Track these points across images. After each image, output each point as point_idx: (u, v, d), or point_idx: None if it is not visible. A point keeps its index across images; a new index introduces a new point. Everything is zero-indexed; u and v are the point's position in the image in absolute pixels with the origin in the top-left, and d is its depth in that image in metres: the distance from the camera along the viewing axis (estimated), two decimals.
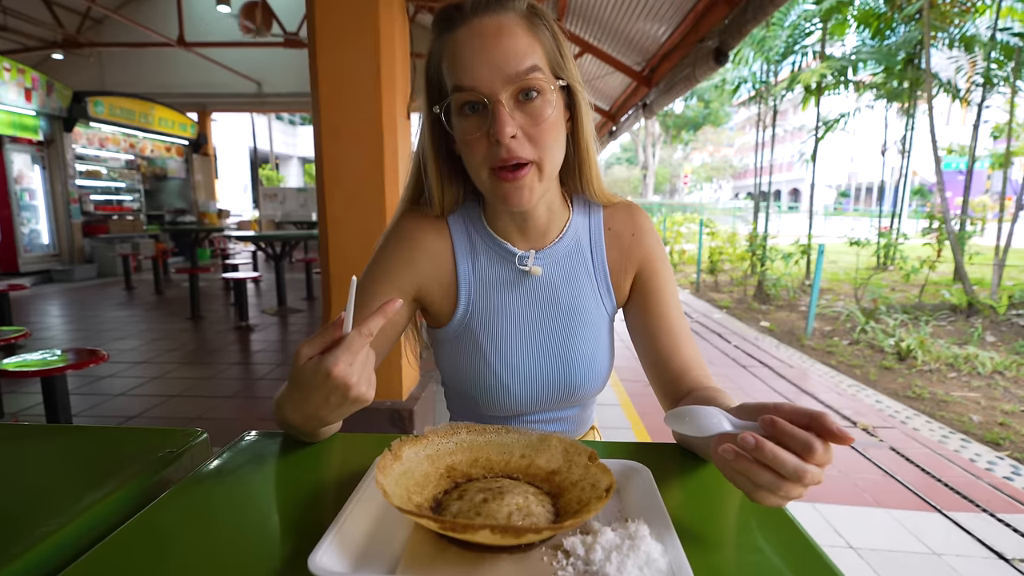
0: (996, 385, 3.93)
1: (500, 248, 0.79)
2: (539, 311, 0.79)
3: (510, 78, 0.64)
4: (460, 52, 0.65)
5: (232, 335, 5.11)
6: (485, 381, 0.78)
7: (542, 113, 0.66)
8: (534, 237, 0.80)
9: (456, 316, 0.79)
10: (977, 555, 1.96)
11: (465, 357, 0.79)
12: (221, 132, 15.53)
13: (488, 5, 0.66)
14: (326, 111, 2.26)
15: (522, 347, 0.78)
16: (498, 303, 0.79)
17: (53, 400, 2.25)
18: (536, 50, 0.66)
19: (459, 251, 0.79)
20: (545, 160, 0.68)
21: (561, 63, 0.69)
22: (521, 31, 0.66)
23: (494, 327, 0.78)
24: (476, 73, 0.64)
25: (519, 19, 0.66)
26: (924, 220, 6.77)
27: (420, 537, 0.49)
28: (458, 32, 0.66)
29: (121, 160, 10.29)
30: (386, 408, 2.48)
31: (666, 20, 5.27)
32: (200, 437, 0.72)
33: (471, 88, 0.65)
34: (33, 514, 0.54)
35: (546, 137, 0.67)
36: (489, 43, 0.64)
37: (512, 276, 0.79)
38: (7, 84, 7.40)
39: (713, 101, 28.98)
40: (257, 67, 10.54)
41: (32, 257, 8.25)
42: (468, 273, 0.79)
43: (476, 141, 0.67)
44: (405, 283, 0.78)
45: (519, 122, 0.65)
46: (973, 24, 7.12)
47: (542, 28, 0.68)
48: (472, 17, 0.66)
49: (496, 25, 0.65)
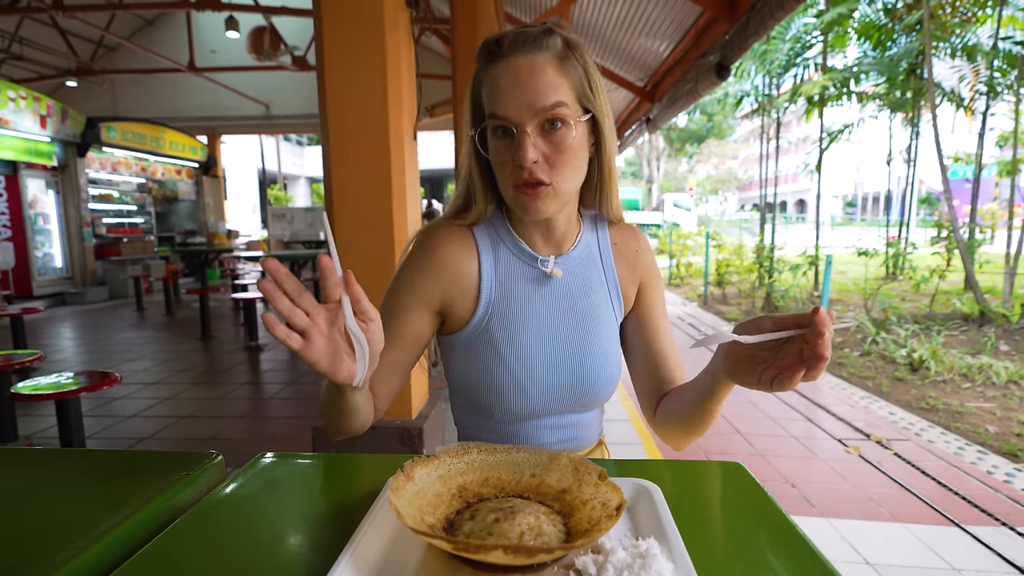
0: (1012, 395, 3.87)
1: (522, 252, 0.84)
2: (556, 313, 0.83)
3: (536, 111, 0.72)
4: (496, 84, 0.74)
5: (242, 355, 5.14)
6: (501, 383, 0.80)
7: (563, 142, 0.74)
8: (554, 242, 0.86)
9: (475, 317, 0.82)
10: (997, 570, 1.92)
11: (480, 360, 0.81)
12: (230, 154, 15.76)
13: (525, 45, 0.73)
14: (334, 133, 2.30)
15: (539, 348, 0.81)
16: (518, 303, 0.82)
17: (67, 423, 2.27)
18: (563, 86, 0.74)
19: (483, 252, 0.84)
20: (561, 183, 0.75)
21: (590, 96, 0.76)
22: (552, 69, 0.73)
23: (512, 327, 0.81)
24: (508, 104, 0.72)
25: (551, 58, 0.74)
26: (932, 229, 6.72)
27: (433, 558, 0.50)
28: (498, 66, 0.74)
29: (133, 183, 10.45)
30: (396, 427, 2.48)
31: (667, 36, 5.34)
32: (215, 460, 0.73)
33: (503, 117, 0.73)
34: (53, 540, 0.55)
35: (563, 163, 0.74)
36: (522, 79, 0.72)
37: (533, 277, 0.84)
38: (23, 112, 7.57)
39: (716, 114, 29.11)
40: (265, 90, 10.75)
41: (46, 280, 8.36)
42: (490, 272, 0.83)
43: (505, 162, 0.75)
44: (431, 292, 0.81)
45: (541, 148, 0.73)
46: (974, 34, 7.14)
47: (573, 65, 0.75)
48: (510, 55, 0.73)
49: (530, 64, 0.73)
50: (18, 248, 7.96)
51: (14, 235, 7.94)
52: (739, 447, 2.98)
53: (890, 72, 7.87)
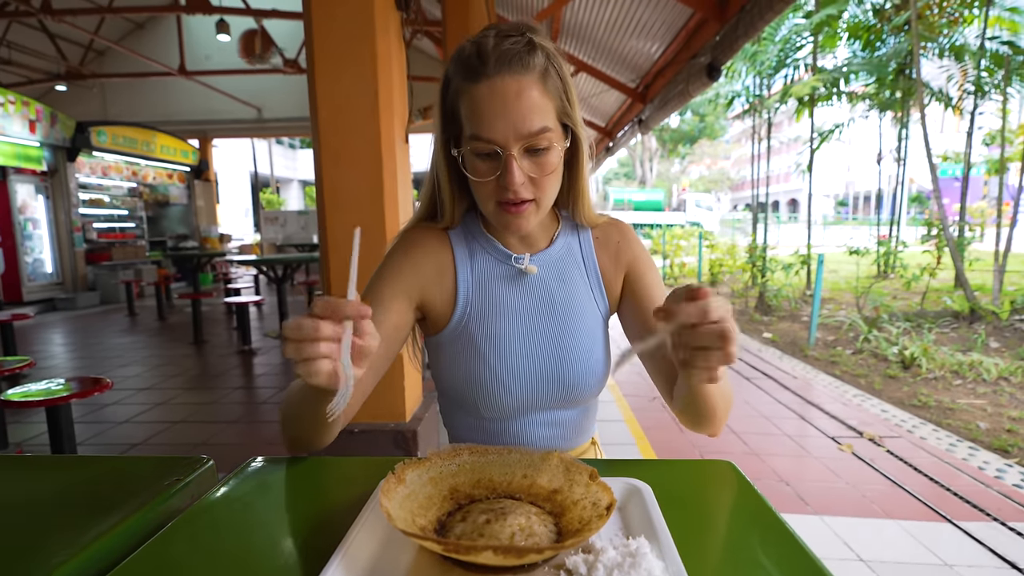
0: (1002, 391, 3.91)
1: (497, 251, 0.85)
2: (535, 309, 0.83)
3: (523, 136, 0.71)
4: (480, 106, 0.72)
5: (235, 359, 5.11)
6: (483, 380, 0.80)
7: (547, 164, 0.74)
8: (528, 242, 0.86)
9: (454, 318, 0.83)
10: (989, 565, 1.94)
11: (463, 358, 0.82)
12: (222, 157, 15.67)
13: (511, 65, 0.71)
14: (325, 136, 2.30)
15: (519, 344, 0.81)
16: (495, 301, 0.83)
17: (58, 429, 2.25)
18: (548, 109, 0.73)
19: (459, 257, 0.85)
20: (543, 199, 0.77)
21: (568, 110, 0.76)
22: (537, 92, 0.72)
23: (491, 326, 0.82)
24: (494, 128, 0.71)
25: (535, 80, 0.72)
26: (923, 227, 6.79)
27: (425, 559, 0.50)
28: (480, 86, 0.72)
29: (123, 188, 10.39)
30: (390, 429, 2.47)
31: (659, 38, 5.36)
32: (206, 464, 0.73)
33: (488, 140, 0.72)
34: (42, 546, 0.55)
35: (547, 183, 0.76)
36: (509, 103, 0.71)
37: (508, 275, 0.85)
38: (12, 117, 7.51)
39: (708, 115, 29.27)
40: (257, 93, 10.71)
41: (36, 286, 8.29)
42: (467, 274, 0.84)
43: (486, 183, 0.75)
44: (410, 286, 0.82)
45: (526, 169, 0.73)
46: (962, 34, 7.22)
47: (554, 81, 0.74)
48: (495, 75, 0.71)
49: (516, 87, 0.71)
50: (8, 254, 7.89)
51: (3, 241, 7.87)
52: (733, 445, 2.99)
53: (879, 72, 7.94)
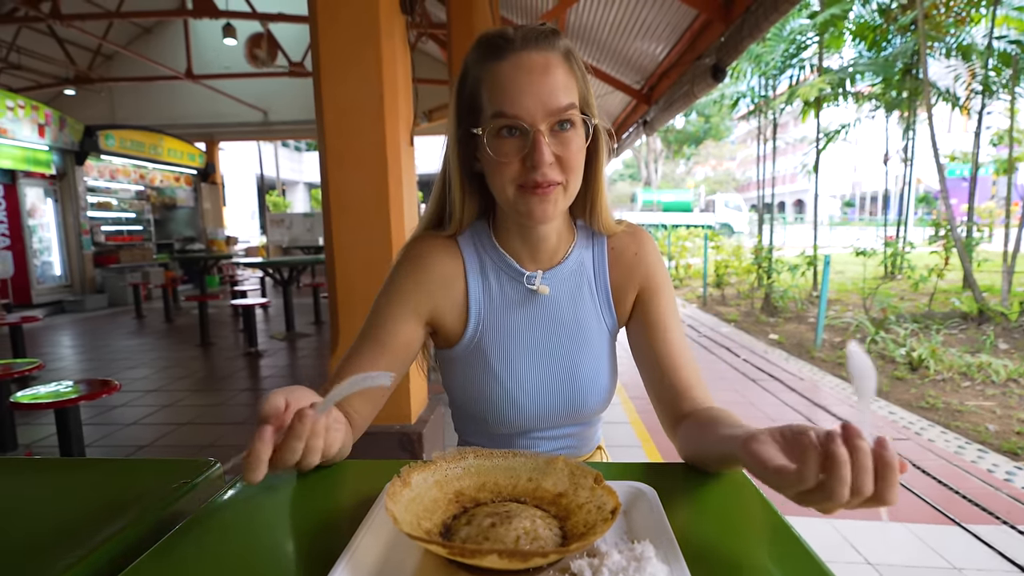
0: (1011, 393, 3.87)
1: (509, 268, 0.83)
2: (545, 328, 0.82)
3: (551, 112, 0.70)
4: (506, 82, 0.70)
5: (242, 361, 5.13)
6: (495, 397, 0.80)
7: (573, 143, 0.72)
8: (542, 258, 0.83)
9: (466, 335, 0.82)
10: (998, 569, 1.92)
11: (475, 375, 0.82)
12: (228, 160, 15.78)
13: (537, 41, 0.71)
14: (331, 139, 2.31)
15: (530, 364, 0.81)
16: (507, 322, 0.82)
17: (67, 431, 2.27)
18: (573, 88, 0.72)
19: (470, 271, 0.83)
20: (571, 182, 0.74)
21: (589, 102, 0.75)
22: (563, 70, 0.71)
23: (504, 345, 0.81)
24: (521, 103, 0.69)
25: (561, 58, 0.72)
26: (930, 228, 6.74)
27: (430, 563, 0.50)
28: (505, 62, 0.71)
29: (131, 191, 10.46)
30: (395, 432, 2.48)
31: (663, 39, 5.36)
32: (213, 468, 0.73)
33: (514, 116, 0.69)
34: (51, 548, 0.55)
35: (575, 162, 0.73)
36: (536, 77, 0.69)
37: (521, 295, 0.83)
38: (21, 121, 7.58)
39: (713, 116, 29.18)
40: (263, 96, 10.77)
41: (44, 289, 8.36)
42: (479, 293, 0.83)
43: (509, 163, 0.72)
44: (418, 303, 0.81)
45: (553, 149, 0.71)
46: (969, 33, 7.17)
47: (577, 68, 0.74)
48: (521, 50, 0.70)
49: (543, 61, 0.70)
50: (17, 257, 7.96)
51: (13, 244, 7.94)
52: None
53: (885, 72, 7.90)
